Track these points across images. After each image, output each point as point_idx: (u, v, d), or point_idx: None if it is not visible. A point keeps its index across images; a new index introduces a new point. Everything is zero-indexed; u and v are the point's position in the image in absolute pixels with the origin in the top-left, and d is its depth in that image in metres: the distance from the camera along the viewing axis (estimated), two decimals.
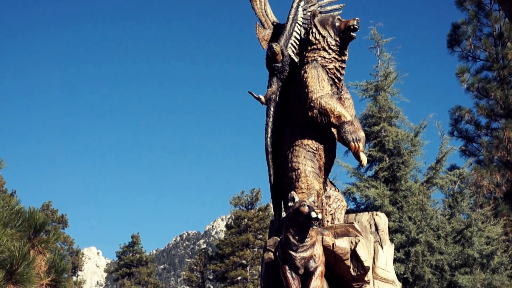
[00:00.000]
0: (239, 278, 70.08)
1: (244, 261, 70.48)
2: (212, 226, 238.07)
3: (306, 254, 10.90)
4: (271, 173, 12.28)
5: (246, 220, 72.23)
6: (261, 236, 68.75)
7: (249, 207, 74.36)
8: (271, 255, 11.60)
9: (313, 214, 10.65)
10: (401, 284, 12.66)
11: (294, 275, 10.97)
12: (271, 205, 12.73)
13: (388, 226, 12.89)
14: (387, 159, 25.47)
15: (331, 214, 12.13)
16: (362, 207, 25.21)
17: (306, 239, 10.91)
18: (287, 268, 10.98)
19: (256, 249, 69.90)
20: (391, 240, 13.85)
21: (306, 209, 10.76)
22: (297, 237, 10.91)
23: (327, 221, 11.99)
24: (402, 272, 22.55)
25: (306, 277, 10.89)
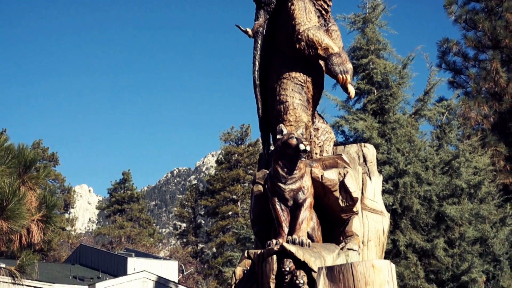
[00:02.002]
0: (230, 213, 70.68)
1: (234, 196, 70.97)
2: (203, 162, 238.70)
3: (295, 186, 10.97)
4: (259, 106, 12.27)
5: (236, 155, 72.50)
6: (251, 171, 69.09)
7: (239, 142, 74.56)
8: (260, 187, 11.68)
9: (302, 146, 10.69)
10: (389, 214, 12.79)
11: (283, 207, 11.05)
12: (261, 141, 12.73)
13: (377, 158, 12.95)
14: (375, 91, 25.46)
15: (320, 146, 12.17)
16: (351, 139, 25.28)
17: (295, 171, 10.97)
18: (276, 200, 11.06)
19: (246, 184, 70.33)
20: (380, 171, 13.95)
21: (294, 141, 10.80)
22: (285, 169, 10.97)
23: (316, 153, 12.05)
24: (390, 203, 22.75)
25: (295, 208, 10.98)
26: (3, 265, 11.88)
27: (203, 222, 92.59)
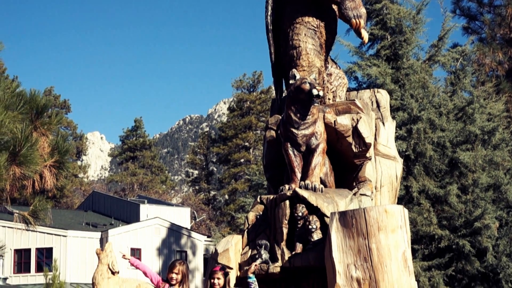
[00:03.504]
0: (242, 160, 70.81)
1: (247, 143, 71.03)
2: (215, 109, 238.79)
3: (307, 132, 10.92)
4: (272, 51, 12.16)
5: (248, 102, 72.37)
6: (263, 118, 69.00)
7: (251, 89, 74.36)
8: (273, 133, 11.64)
9: (315, 91, 10.61)
10: (402, 160, 12.74)
11: (296, 152, 11.02)
12: (273, 87, 12.65)
13: (390, 104, 12.86)
14: (388, 37, 25.22)
15: (333, 91, 12.09)
16: (364, 86, 25.12)
17: (308, 117, 10.90)
18: (289, 145, 11.02)
19: (258, 131, 70.31)
20: (393, 117, 13.84)
21: (307, 86, 10.71)
22: (298, 115, 10.91)
23: (329, 99, 11.97)
24: (404, 150, 22.68)
25: (308, 154, 10.94)
26: (16, 212, 11.92)
27: (215, 169, 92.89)
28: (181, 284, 9.84)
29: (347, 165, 11.61)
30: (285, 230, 10.42)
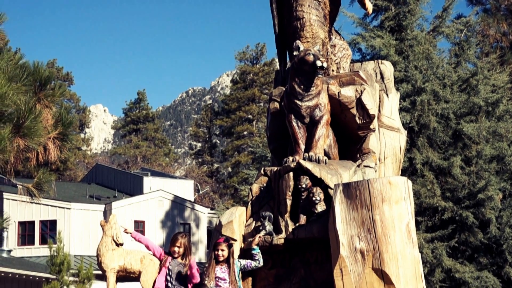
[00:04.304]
0: (245, 132, 70.78)
1: (250, 116, 70.97)
2: (218, 81, 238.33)
3: (311, 103, 10.88)
4: (276, 22, 12.11)
5: (251, 75, 72.21)
6: (266, 90, 68.87)
7: (254, 62, 74.17)
8: (276, 105, 11.60)
9: (318, 63, 10.56)
10: (406, 132, 12.72)
11: (299, 124, 10.99)
12: (277, 59, 12.60)
13: (394, 76, 12.82)
14: (392, 8, 25.10)
15: (337, 63, 12.04)
16: (368, 57, 25.07)
17: (312, 88, 10.86)
18: (292, 117, 10.99)
19: (262, 104, 70.20)
20: (397, 89, 13.80)
21: (311, 57, 10.66)
22: (302, 86, 10.87)
23: (333, 70, 11.92)
24: (407, 121, 22.66)
25: (312, 126, 10.91)
26: (20, 184, 11.94)
27: (218, 141, 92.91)
28: (183, 257, 9.88)
29: (351, 136, 11.59)
30: (289, 202, 10.43)
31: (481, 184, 22.22)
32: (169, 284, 9.77)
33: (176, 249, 9.84)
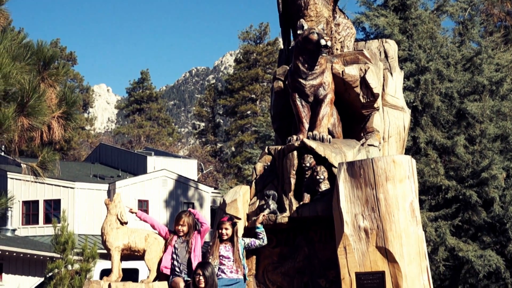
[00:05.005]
0: (248, 112, 70.74)
1: (253, 96, 70.89)
2: (221, 61, 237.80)
3: (315, 82, 10.88)
4: (280, 1, 12.08)
5: (255, 54, 72.06)
6: (270, 70, 68.74)
7: (258, 41, 73.99)
8: (280, 83, 11.60)
9: (322, 42, 10.55)
10: (410, 111, 12.71)
11: (303, 102, 10.99)
12: (280, 39, 12.58)
13: (398, 55, 12.78)
14: None
15: (341, 41, 12.02)
16: (372, 36, 24.97)
17: (316, 67, 10.86)
18: (296, 96, 10.99)
19: (265, 83, 70.09)
20: (401, 68, 13.77)
21: (315, 36, 10.64)
22: (306, 65, 10.86)
23: (337, 49, 11.90)
24: (411, 100, 22.63)
25: (316, 104, 10.92)
26: (25, 163, 11.97)
27: (221, 121, 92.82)
28: (188, 235, 9.92)
29: (355, 115, 11.59)
30: (293, 181, 10.45)
31: (485, 163, 22.21)
32: (175, 262, 9.84)
33: (180, 227, 9.90)
